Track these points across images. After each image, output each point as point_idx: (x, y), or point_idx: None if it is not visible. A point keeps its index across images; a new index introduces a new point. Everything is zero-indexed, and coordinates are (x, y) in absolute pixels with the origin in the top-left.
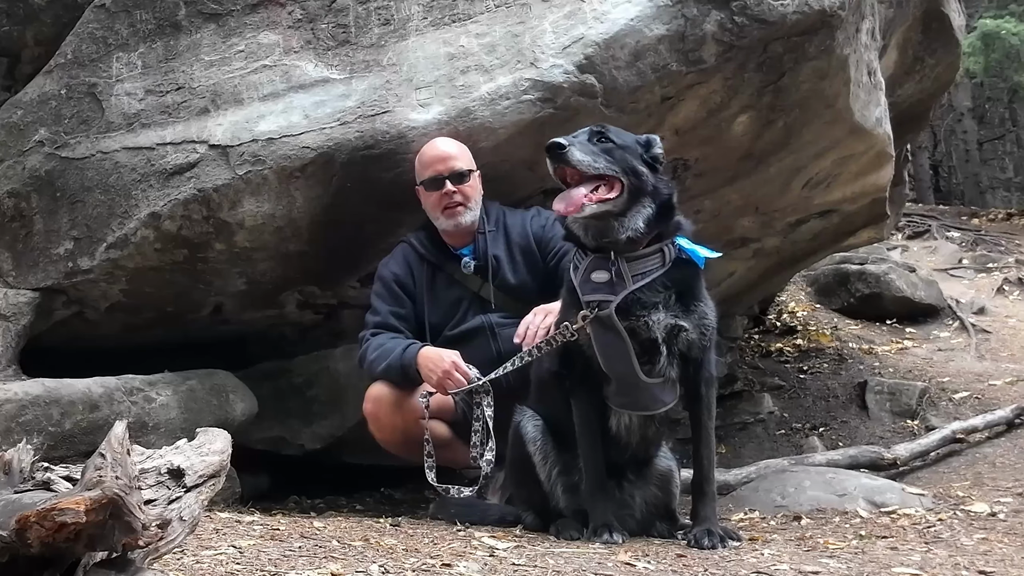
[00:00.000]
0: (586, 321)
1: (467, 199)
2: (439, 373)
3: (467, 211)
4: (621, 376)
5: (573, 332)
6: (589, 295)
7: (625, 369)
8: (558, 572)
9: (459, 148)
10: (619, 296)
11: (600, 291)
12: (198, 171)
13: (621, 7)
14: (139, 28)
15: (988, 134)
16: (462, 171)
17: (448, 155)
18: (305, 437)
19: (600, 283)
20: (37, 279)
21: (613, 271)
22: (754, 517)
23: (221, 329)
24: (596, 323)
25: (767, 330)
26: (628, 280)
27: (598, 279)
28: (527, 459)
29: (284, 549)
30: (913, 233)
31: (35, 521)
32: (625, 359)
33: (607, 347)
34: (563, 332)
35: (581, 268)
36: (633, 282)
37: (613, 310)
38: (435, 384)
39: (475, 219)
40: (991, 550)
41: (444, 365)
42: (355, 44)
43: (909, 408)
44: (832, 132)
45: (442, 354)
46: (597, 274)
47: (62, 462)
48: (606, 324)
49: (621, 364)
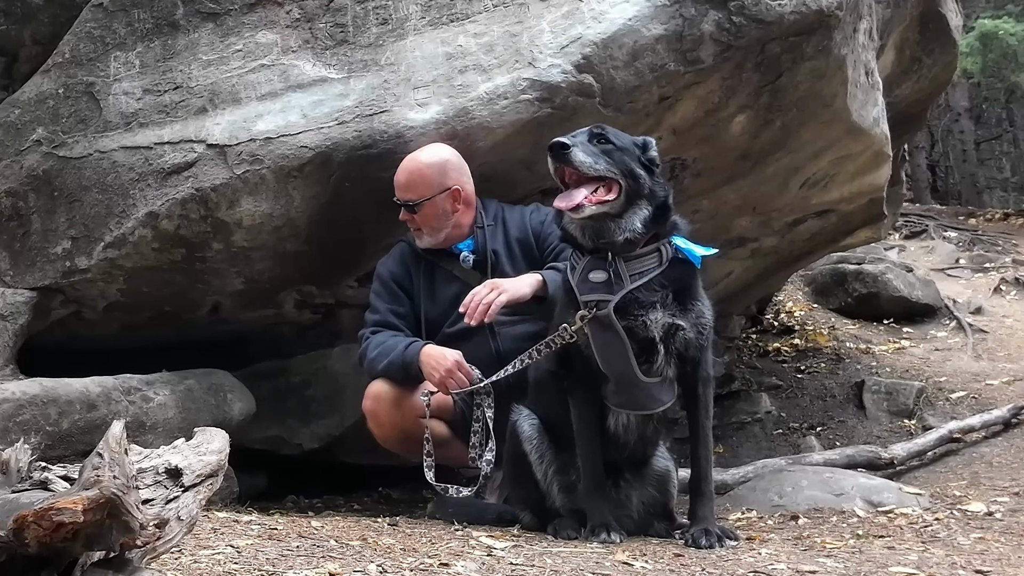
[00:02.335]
0: (584, 321)
1: (424, 223)
2: (442, 372)
3: (424, 236)
4: (619, 375)
5: (572, 334)
6: (587, 295)
7: (623, 368)
8: (556, 571)
9: (413, 178)
10: (617, 296)
11: (598, 291)
12: (196, 170)
13: (619, 7)
14: (137, 27)
15: (985, 134)
16: (411, 202)
17: (401, 183)
18: (303, 437)
19: (598, 283)
20: (35, 278)
21: (611, 271)
22: (751, 516)
23: (219, 329)
24: (594, 323)
25: (765, 330)
26: (626, 280)
27: (596, 279)
28: (523, 458)
29: (282, 549)
30: (910, 233)
31: (33, 521)
32: (623, 358)
33: (605, 347)
34: (561, 334)
35: (578, 269)
36: (631, 281)
37: (611, 309)
38: (437, 383)
39: (438, 241)
40: (988, 549)
41: (447, 364)
42: (353, 44)
43: (906, 408)
44: (830, 132)
45: (445, 353)
46: (595, 274)
47: (59, 462)
48: (604, 324)
49: (619, 363)
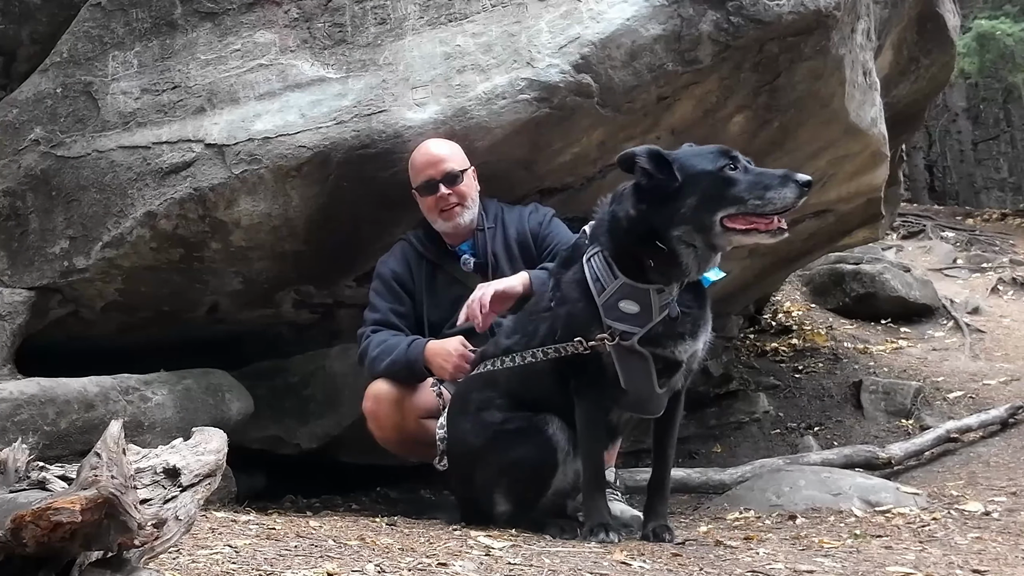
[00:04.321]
0: (600, 341)
1: (463, 198)
2: (452, 362)
3: (465, 210)
4: (639, 391)
5: (587, 347)
6: (615, 323)
7: (645, 386)
8: (554, 571)
9: (450, 149)
10: (644, 328)
11: (627, 321)
12: (194, 170)
13: (617, 7)
14: (135, 27)
15: (983, 134)
16: (455, 172)
17: (439, 158)
18: (301, 436)
19: (628, 314)
20: (33, 278)
21: (649, 304)
22: (749, 516)
23: (217, 328)
24: (620, 347)
25: (762, 330)
26: (655, 313)
27: (627, 309)
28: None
29: (280, 548)
30: (908, 233)
31: (30, 520)
32: (647, 379)
33: (630, 369)
34: (575, 345)
35: (608, 290)
36: (659, 312)
37: (636, 342)
38: (450, 374)
39: (474, 217)
40: (985, 549)
41: (454, 356)
42: (351, 43)
43: (904, 408)
44: (827, 132)
45: (447, 345)
46: (626, 304)
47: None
48: (631, 350)
49: (642, 383)
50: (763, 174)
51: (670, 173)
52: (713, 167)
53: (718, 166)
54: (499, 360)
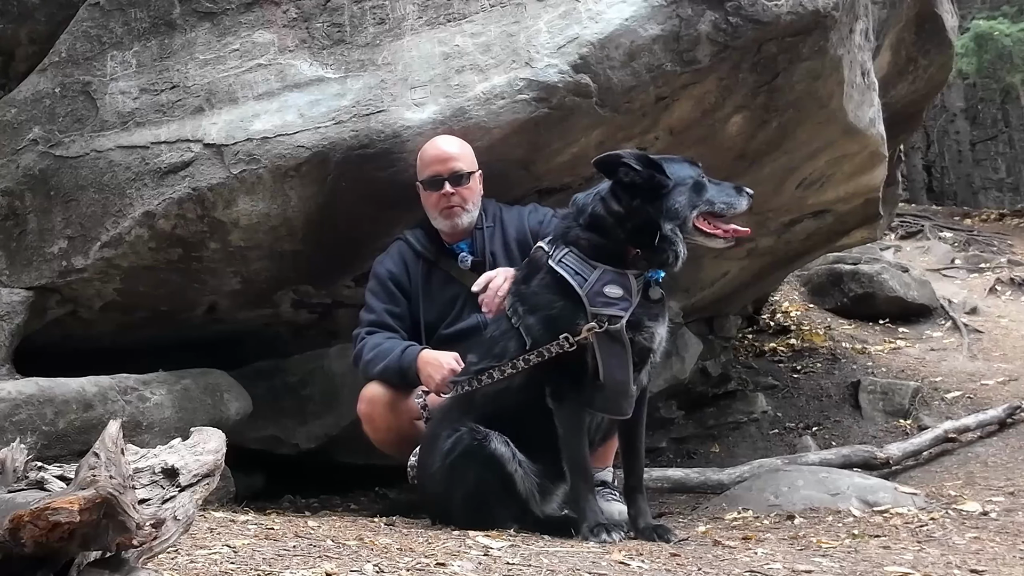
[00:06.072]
0: (591, 332)
1: (465, 201)
2: (442, 374)
3: (465, 213)
4: (617, 384)
5: (573, 343)
6: (602, 308)
7: (623, 378)
8: (552, 571)
9: (461, 148)
10: (628, 311)
11: (613, 306)
12: (193, 170)
13: (616, 7)
14: (134, 26)
15: (981, 135)
16: (461, 172)
17: (448, 156)
18: (299, 436)
19: (614, 298)
20: (31, 278)
21: (631, 288)
22: (747, 516)
23: (215, 328)
24: (603, 335)
25: (761, 330)
26: (635, 295)
27: (612, 293)
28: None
29: (278, 548)
30: (906, 233)
31: (29, 520)
32: (625, 369)
33: (611, 357)
34: (561, 343)
35: (590, 280)
36: (637, 296)
37: (623, 325)
38: (435, 388)
39: (473, 220)
40: (983, 549)
41: (445, 368)
42: (350, 43)
43: (902, 408)
44: (826, 132)
45: (440, 357)
46: (611, 288)
47: (56, 461)
48: (615, 337)
49: (621, 373)
50: (723, 184)
51: (662, 174)
52: (695, 173)
53: (697, 173)
54: (470, 382)
